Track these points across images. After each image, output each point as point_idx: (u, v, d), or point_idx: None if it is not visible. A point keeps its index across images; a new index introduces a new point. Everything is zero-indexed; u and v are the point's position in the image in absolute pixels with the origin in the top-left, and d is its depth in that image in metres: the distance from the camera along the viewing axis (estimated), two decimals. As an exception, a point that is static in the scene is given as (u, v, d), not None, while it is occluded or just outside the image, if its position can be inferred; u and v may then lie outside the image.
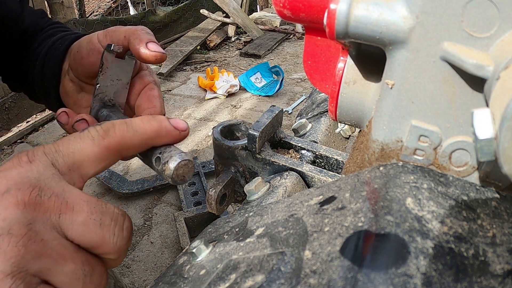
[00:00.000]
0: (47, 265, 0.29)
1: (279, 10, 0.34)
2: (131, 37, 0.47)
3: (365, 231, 0.23)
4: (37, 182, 0.30)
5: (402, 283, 0.19)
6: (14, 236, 0.28)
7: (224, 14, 3.91)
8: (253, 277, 0.26)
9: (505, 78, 0.21)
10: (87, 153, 0.33)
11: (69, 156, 0.33)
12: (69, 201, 0.31)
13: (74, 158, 0.33)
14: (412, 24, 0.25)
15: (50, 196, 0.30)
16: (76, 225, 0.30)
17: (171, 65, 3.08)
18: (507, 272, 0.21)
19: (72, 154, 0.33)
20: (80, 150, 0.33)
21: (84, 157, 0.33)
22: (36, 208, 0.30)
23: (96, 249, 0.32)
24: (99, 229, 0.31)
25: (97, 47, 0.51)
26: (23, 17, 0.66)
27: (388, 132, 0.30)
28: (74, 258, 0.30)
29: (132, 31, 0.48)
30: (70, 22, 2.80)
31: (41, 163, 0.32)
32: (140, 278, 1.36)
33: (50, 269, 0.29)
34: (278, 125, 0.52)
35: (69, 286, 0.30)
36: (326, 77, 0.37)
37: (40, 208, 0.30)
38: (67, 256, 0.30)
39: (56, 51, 0.59)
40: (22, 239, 0.28)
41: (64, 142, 0.34)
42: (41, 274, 0.29)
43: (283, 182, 0.46)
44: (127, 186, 1.72)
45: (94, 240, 0.31)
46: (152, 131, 0.36)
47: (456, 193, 0.26)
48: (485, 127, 0.22)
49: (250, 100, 2.62)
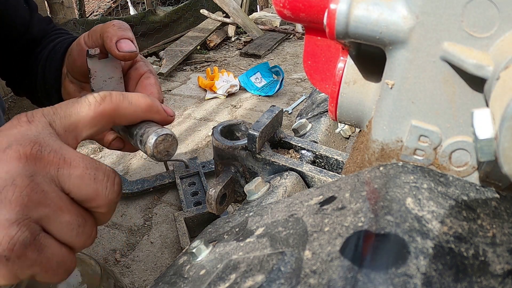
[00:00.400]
0: (47, 214, 0.32)
1: (279, 10, 0.34)
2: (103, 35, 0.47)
3: (365, 231, 0.23)
4: (36, 139, 0.32)
5: (402, 283, 0.19)
6: (18, 187, 0.30)
7: (224, 14, 3.91)
8: (253, 277, 0.26)
9: (505, 78, 0.21)
10: (83, 116, 0.35)
11: (66, 118, 0.35)
12: (66, 157, 0.33)
13: (71, 120, 0.35)
14: (412, 24, 0.25)
15: (49, 151, 0.32)
16: (73, 179, 0.33)
17: (171, 65, 3.08)
18: (507, 272, 0.21)
19: (68, 117, 0.35)
20: (76, 113, 0.35)
21: (79, 120, 0.35)
22: (36, 162, 0.32)
23: (90, 202, 0.34)
24: (94, 183, 0.34)
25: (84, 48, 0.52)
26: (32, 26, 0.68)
27: (388, 132, 0.30)
28: (70, 209, 0.33)
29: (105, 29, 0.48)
30: (70, 22, 2.80)
31: (39, 123, 0.34)
32: (140, 278, 1.36)
33: (50, 218, 0.32)
34: (278, 125, 0.52)
35: (64, 235, 0.33)
36: (326, 77, 0.37)
37: (41, 162, 0.32)
38: (63, 207, 0.32)
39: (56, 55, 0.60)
40: (25, 189, 0.30)
41: (62, 106, 0.36)
42: (42, 222, 0.32)
43: (283, 182, 0.46)
44: (127, 186, 1.72)
45: (89, 192, 0.33)
46: (145, 105, 0.39)
47: (456, 193, 0.26)
48: (485, 127, 0.22)
49: (250, 100, 2.62)
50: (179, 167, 1.79)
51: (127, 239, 1.52)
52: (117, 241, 1.51)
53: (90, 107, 0.36)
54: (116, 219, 1.61)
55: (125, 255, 1.45)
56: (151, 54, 3.45)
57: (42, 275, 0.33)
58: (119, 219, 1.61)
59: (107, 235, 1.53)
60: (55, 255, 0.33)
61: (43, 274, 0.33)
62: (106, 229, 1.56)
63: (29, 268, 0.31)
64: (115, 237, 1.53)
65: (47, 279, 0.33)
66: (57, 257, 0.33)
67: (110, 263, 1.42)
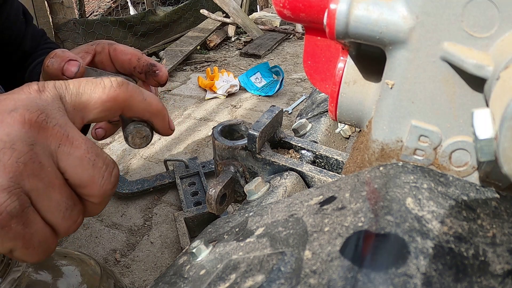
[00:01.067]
0: (39, 188, 0.30)
1: (279, 10, 0.34)
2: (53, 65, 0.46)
3: (365, 231, 0.23)
4: (44, 109, 0.31)
5: (402, 283, 0.19)
6: (16, 151, 0.29)
7: (224, 14, 3.91)
8: (253, 277, 0.26)
9: (505, 78, 0.21)
10: (95, 98, 0.34)
11: (77, 96, 0.34)
12: (70, 134, 0.32)
13: (81, 99, 0.34)
14: (412, 24, 0.25)
15: (54, 124, 0.31)
16: (72, 159, 0.32)
17: (171, 65, 3.08)
18: (507, 272, 0.21)
19: (80, 95, 0.34)
20: (89, 93, 0.34)
21: (90, 101, 0.34)
22: (40, 131, 0.30)
23: (84, 188, 0.33)
24: (91, 169, 0.32)
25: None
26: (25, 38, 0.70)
27: (388, 132, 0.30)
28: (61, 189, 0.32)
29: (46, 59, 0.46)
30: (70, 22, 2.80)
31: (50, 95, 0.33)
32: (140, 278, 1.36)
33: (40, 193, 0.30)
34: (278, 125, 0.52)
35: (51, 214, 0.31)
36: (326, 77, 0.37)
37: (44, 133, 0.31)
38: (56, 185, 0.31)
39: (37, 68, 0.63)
40: (23, 156, 0.29)
41: (75, 82, 0.34)
42: (32, 195, 0.30)
43: (283, 182, 0.46)
44: (127, 186, 1.72)
45: (84, 177, 0.32)
46: (156, 107, 0.39)
47: (456, 193, 0.26)
48: (485, 127, 0.22)
49: (250, 100, 2.62)
50: (179, 167, 1.79)
51: (127, 239, 1.52)
52: (117, 241, 1.51)
53: (104, 90, 0.35)
54: (116, 219, 1.61)
55: (125, 255, 1.45)
56: (151, 54, 3.44)
57: (21, 251, 0.31)
58: (119, 219, 1.61)
59: (107, 235, 1.53)
60: (39, 233, 0.31)
61: (23, 250, 0.31)
62: (106, 229, 1.56)
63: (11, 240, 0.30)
64: (115, 237, 1.53)
65: (25, 256, 0.32)
66: (40, 236, 0.31)
67: (110, 263, 1.42)
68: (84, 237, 1.52)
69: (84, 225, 1.57)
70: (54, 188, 0.31)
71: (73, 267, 0.58)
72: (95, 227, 1.57)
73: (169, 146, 2.12)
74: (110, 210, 1.65)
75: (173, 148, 2.10)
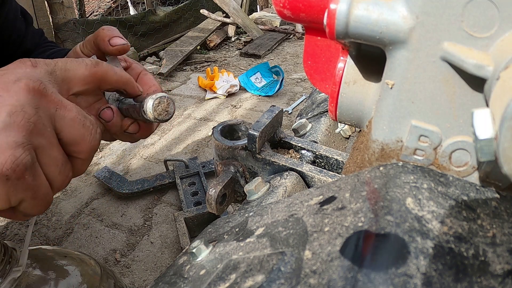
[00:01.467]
0: (43, 145, 0.35)
1: (279, 10, 0.34)
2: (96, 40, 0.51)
3: (365, 231, 0.23)
4: (42, 79, 0.36)
5: (402, 283, 0.19)
6: (27, 114, 0.34)
7: (224, 14, 3.91)
8: (253, 277, 0.26)
9: (505, 78, 0.21)
10: (79, 73, 0.40)
11: (65, 71, 0.40)
12: (63, 101, 0.37)
13: (68, 74, 0.40)
14: (412, 24, 0.25)
15: (51, 92, 0.36)
16: (66, 120, 0.37)
17: (171, 65, 3.07)
18: (507, 272, 0.21)
19: (67, 71, 0.40)
20: (74, 69, 0.40)
21: (75, 75, 0.40)
22: (41, 97, 0.35)
23: (76, 145, 0.38)
24: (82, 128, 0.38)
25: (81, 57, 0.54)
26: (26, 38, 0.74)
27: (388, 132, 0.30)
28: (58, 147, 0.37)
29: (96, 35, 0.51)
30: (70, 22, 2.80)
31: (42, 69, 0.38)
32: (140, 278, 1.36)
33: (44, 149, 0.35)
34: (278, 125, 0.52)
35: (49, 168, 0.36)
36: (326, 77, 0.37)
37: (45, 99, 0.36)
38: (54, 144, 0.36)
39: None
40: (32, 117, 0.34)
41: (62, 61, 0.40)
42: (38, 152, 0.35)
43: (283, 182, 0.46)
44: (127, 186, 1.72)
45: (76, 135, 0.38)
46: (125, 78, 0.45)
47: (456, 193, 0.26)
48: (485, 127, 0.22)
49: (250, 100, 2.62)
50: (179, 167, 1.79)
51: (127, 239, 1.52)
52: (117, 241, 1.51)
53: (86, 67, 0.41)
54: (116, 219, 1.61)
55: (125, 255, 1.45)
56: (151, 54, 3.44)
57: (29, 203, 0.36)
58: (119, 219, 1.61)
59: (107, 235, 1.53)
60: (43, 185, 0.36)
61: (31, 201, 0.36)
62: (106, 229, 1.56)
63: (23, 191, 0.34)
64: (115, 237, 1.53)
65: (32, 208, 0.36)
66: (44, 188, 0.36)
67: (110, 263, 1.42)
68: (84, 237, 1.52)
69: (84, 225, 1.57)
70: (53, 146, 0.36)
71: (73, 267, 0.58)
72: (95, 227, 1.56)
73: (169, 146, 2.11)
74: (110, 210, 1.65)
75: (173, 148, 2.10)
